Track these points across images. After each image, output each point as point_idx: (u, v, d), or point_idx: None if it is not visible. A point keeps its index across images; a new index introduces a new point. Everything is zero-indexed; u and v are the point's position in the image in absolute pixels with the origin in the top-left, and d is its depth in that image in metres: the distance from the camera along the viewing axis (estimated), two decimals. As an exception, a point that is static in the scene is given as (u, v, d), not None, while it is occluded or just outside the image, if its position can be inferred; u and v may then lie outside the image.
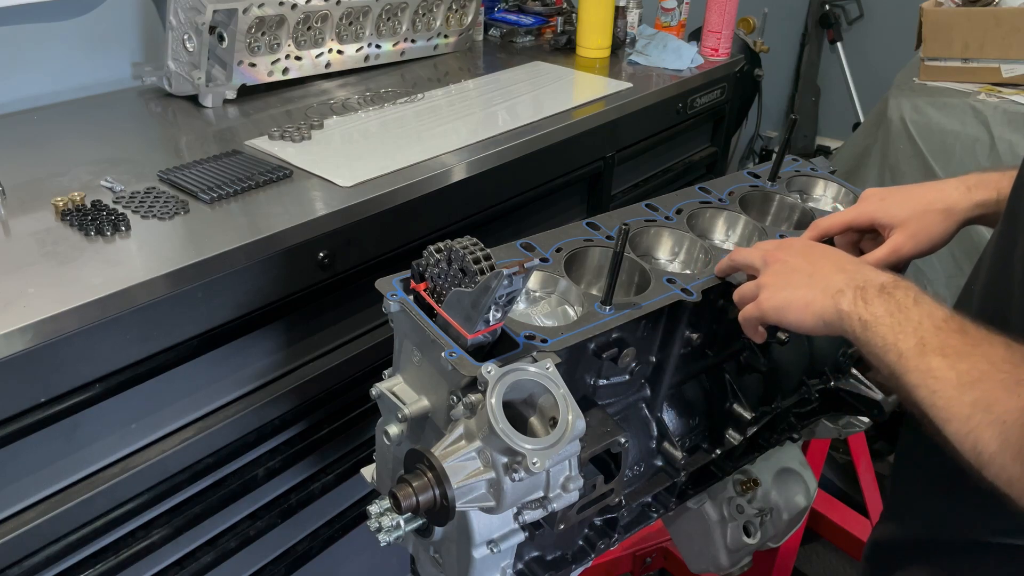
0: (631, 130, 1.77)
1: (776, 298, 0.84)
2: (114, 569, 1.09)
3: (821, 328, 0.80)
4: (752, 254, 0.91)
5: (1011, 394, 0.61)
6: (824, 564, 2.13)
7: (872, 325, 0.73)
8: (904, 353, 0.69)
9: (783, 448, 1.34)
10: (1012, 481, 0.60)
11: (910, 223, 0.95)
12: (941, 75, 2.25)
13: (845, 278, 0.79)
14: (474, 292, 0.77)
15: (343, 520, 1.41)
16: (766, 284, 0.86)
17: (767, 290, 0.86)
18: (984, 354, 0.65)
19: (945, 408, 0.65)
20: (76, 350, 0.98)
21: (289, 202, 1.20)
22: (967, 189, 0.94)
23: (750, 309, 0.88)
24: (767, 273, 0.87)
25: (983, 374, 0.63)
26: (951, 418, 0.64)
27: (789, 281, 0.84)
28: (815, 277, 0.82)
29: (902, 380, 0.69)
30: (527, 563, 0.99)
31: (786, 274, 0.85)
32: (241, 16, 1.46)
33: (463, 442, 0.76)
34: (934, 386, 0.66)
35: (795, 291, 0.82)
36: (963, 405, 0.63)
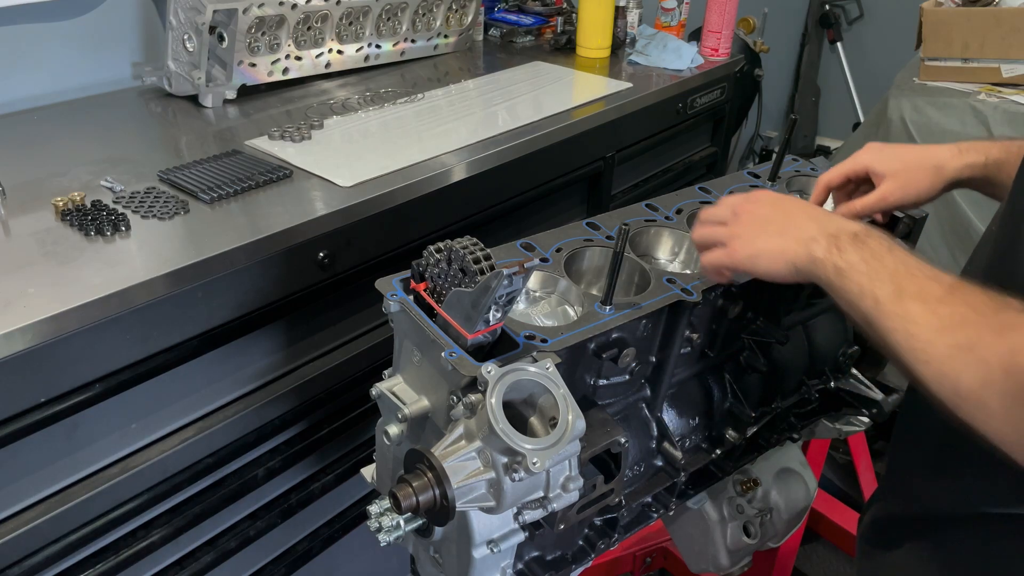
0: (631, 130, 1.77)
1: (749, 247, 0.84)
2: (114, 569, 1.09)
3: (792, 275, 0.81)
4: (721, 209, 0.90)
5: (997, 336, 0.63)
6: (824, 564, 2.13)
7: (847, 272, 0.75)
8: (881, 299, 0.71)
9: (783, 448, 1.34)
10: (989, 418, 0.62)
11: (900, 174, 0.99)
12: (941, 75, 2.25)
13: (817, 227, 0.80)
14: (474, 292, 0.77)
15: (343, 520, 1.41)
16: (738, 234, 0.86)
17: (739, 240, 0.86)
18: (963, 300, 0.67)
19: (923, 350, 0.66)
20: (76, 350, 0.98)
21: (289, 202, 1.20)
22: (959, 152, 0.98)
23: (719, 255, 0.87)
24: (738, 223, 0.87)
25: (964, 318, 0.65)
26: (929, 359, 0.66)
27: (762, 230, 0.84)
28: (787, 226, 0.82)
29: (878, 325, 0.71)
30: (527, 563, 0.99)
31: (758, 224, 0.85)
32: (241, 16, 1.46)
33: (463, 442, 0.76)
34: (912, 329, 0.68)
35: (768, 240, 0.83)
36: (943, 347, 0.65)
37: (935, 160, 0.98)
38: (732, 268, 0.87)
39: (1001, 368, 0.61)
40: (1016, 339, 0.61)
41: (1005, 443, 0.62)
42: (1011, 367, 0.60)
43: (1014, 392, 0.60)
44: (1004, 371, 0.61)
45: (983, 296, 0.66)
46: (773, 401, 1.20)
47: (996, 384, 0.61)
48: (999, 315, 0.64)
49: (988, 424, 0.63)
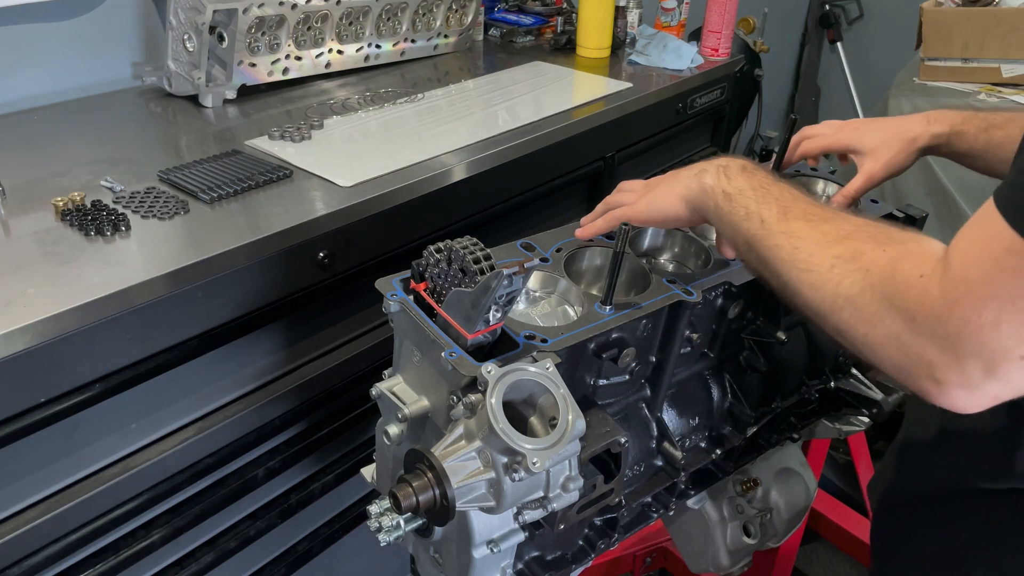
0: (631, 130, 1.77)
1: (645, 198, 0.93)
2: (114, 569, 1.09)
3: (685, 211, 0.89)
4: (635, 182, 1.00)
5: (879, 247, 0.66)
6: (824, 564, 2.13)
7: (735, 196, 0.81)
8: (767, 219, 0.76)
9: (783, 448, 1.34)
10: (860, 323, 0.66)
11: (879, 150, 1.08)
12: (941, 75, 2.25)
13: (707, 163, 0.88)
14: (474, 292, 0.77)
15: (343, 520, 1.41)
16: (638, 197, 0.95)
17: (638, 197, 0.95)
18: (844, 219, 0.72)
19: (806, 260, 0.71)
20: (76, 350, 0.98)
21: (289, 202, 1.20)
22: (927, 122, 1.07)
23: (622, 210, 0.95)
24: (638, 190, 0.97)
25: (847, 234, 0.70)
26: (811, 268, 0.70)
27: (662, 183, 0.93)
28: (681, 172, 0.91)
29: (762, 244, 0.76)
30: (527, 563, 0.99)
31: (655, 185, 0.94)
32: (241, 16, 1.46)
33: (463, 442, 0.76)
34: (796, 244, 0.73)
35: (665, 186, 0.92)
36: (826, 257, 0.69)
37: (909, 133, 1.07)
38: (632, 219, 0.94)
39: (881, 274, 0.65)
40: (898, 249, 0.65)
41: (873, 346, 0.65)
42: (892, 272, 0.64)
43: (891, 295, 0.63)
44: (883, 277, 0.64)
45: (865, 221, 0.72)
46: (773, 401, 1.20)
47: (875, 288, 0.64)
48: (880, 232, 0.69)
49: (858, 328, 0.66)
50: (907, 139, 1.07)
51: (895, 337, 0.63)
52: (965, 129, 1.04)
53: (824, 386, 1.26)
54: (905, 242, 0.66)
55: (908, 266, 0.63)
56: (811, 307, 0.70)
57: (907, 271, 0.63)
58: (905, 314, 0.62)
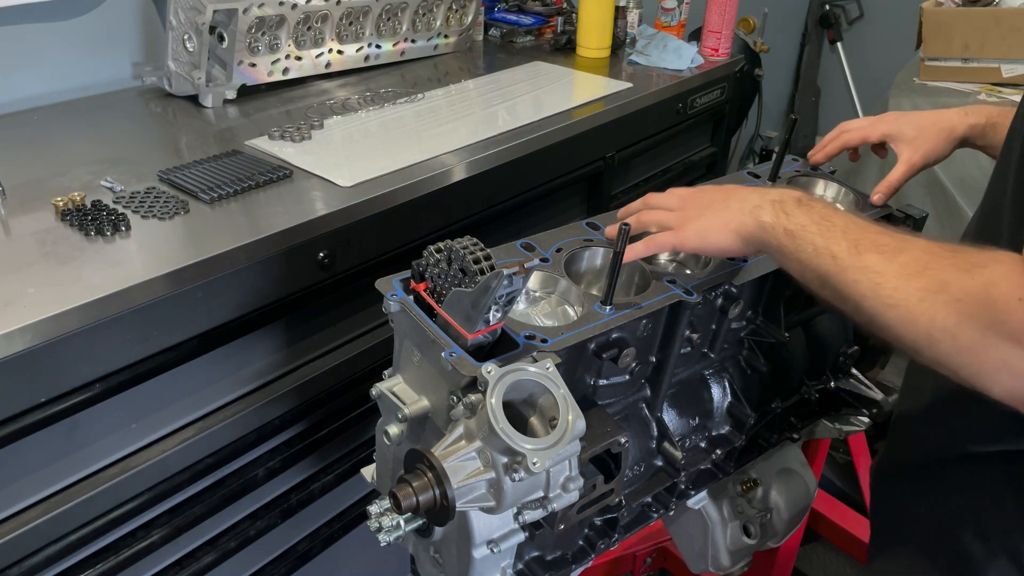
0: (631, 130, 1.77)
1: (695, 224, 0.89)
2: (114, 569, 1.09)
3: (740, 246, 0.86)
4: (669, 197, 0.95)
5: (965, 274, 0.65)
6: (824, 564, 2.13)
7: (799, 233, 0.78)
8: (838, 255, 0.74)
9: (783, 448, 1.34)
10: (962, 353, 0.65)
11: (918, 140, 1.09)
12: (941, 75, 2.25)
13: (759, 196, 0.85)
14: (474, 292, 0.77)
15: (343, 520, 1.41)
16: (684, 219, 0.90)
17: (686, 221, 0.90)
18: (918, 248, 0.71)
19: (891, 296, 0.69)
20: (76, 350, 0.98)
21: (289, 202, 1.20)
22: (965, 114, 1.09)
23: (667, 237, 0.91)
24: (684, 209, 0.91)
25: (925, 263, 0.68)
26: (898, 303, 0.68)
27: (707, 209, 0.89)
28: (730, 201, 0.87)
29: (838, 280, 0.74)
30: (527, 563, 0.99)
31: (703, 205, 0.90)
32: (241, 16, 1.46)
33: (463, 442, 0.76)
34: (876, 279, 0.70)
35: (714, 215, 0.87)
36: (912, 291, 0.68)
37: (947, 123, 1.09)
38: (680, 248, 0.92)
39: (977, 303, 0.63)
40: (986, 274, 0.64)
41: (982, 375, 0.65)
42: (987, 300, 0.63)
43: (992, 322, 0.62)
44: (980, 305, 0.63)
45: (934, 245, 0.70)
46: (773, 401, 1.20)
47: (974, 317, 0.63)
48: (958, 257, 0.67)
49: (960, 359, 0.65)
50: (945, 128, 1.08)
51: (1004, 363, 0.62)
52: (1001, 121, 1.04)
53: (824, 386, 1.26)
54: (987, 264, 0.65)
55: (1003, 291, 0.62)
56: (904, 342, 0.69)
57: (1004, 296, 0.62)
58: (1012, 338, 0.61)
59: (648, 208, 0.96)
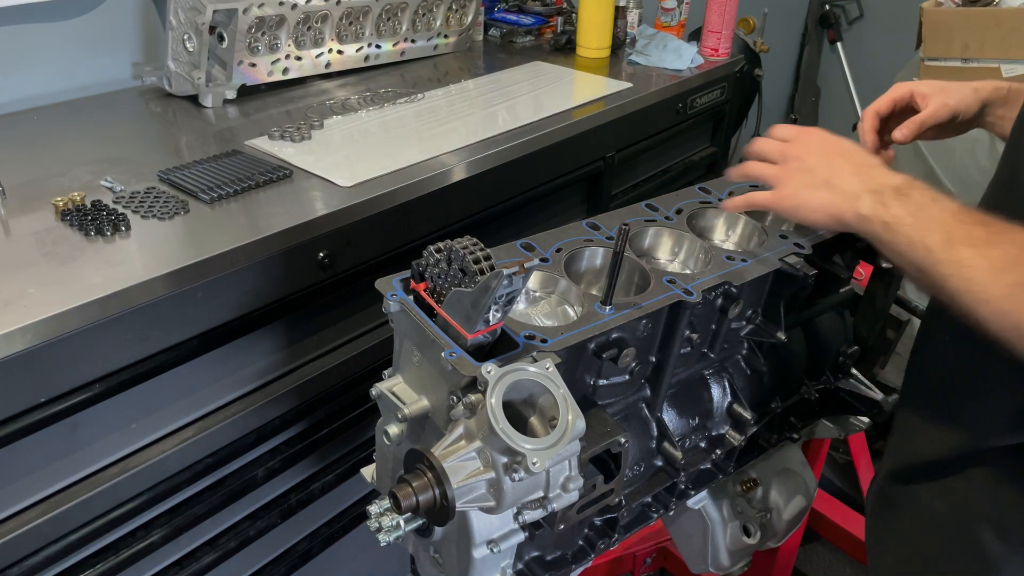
0: (631, 130, 1.77)
1: (794, 197, 0.89)
2: (114, 569, 1.09)
3: (835, 227, 0.88)
4: (773, 146, 0.95)
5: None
6: (824, 564, 2.13)
7: (895, 226, 0.79)
8: (932, 248, 0.75)
9: (783, 448, 1.34)
10: None
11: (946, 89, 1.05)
12: (941, 75, 2.25)
13: (861, 182, 0.84)
14: (474, 292, 0.77)
15: (343, 520, 1.41)
16: (784, 181, 0.91)
17: (785, 187, 0.90)
18: (1011, 241, 0.71)
19: (981, 291, 0.70)
20: (76, 350, 0.98)
21: (289, 202, 1.20)
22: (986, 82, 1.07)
23: (763, 197, 0.93)
24: (785, 169, 0.91)
25: (1015, 258, 0.69)
26: (989, 299, 0.70)
27: (807, 182, 0.88)
28: (832, 180, 0.87)
29: (932, 273, 0.75)
30: (527, 563, 0.99)
31: (804, 173, 0.89)
32: (241, 16, 1.46)
33: (463, 442, 0.76)
34: (968, 274, 0.72)
35: (813, 193, 0.87)
36: (1001, 287, 0.69)
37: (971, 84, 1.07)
38: (772, 211, 0.93)
39: None
40: None
41: None
42: None
43: None
44: None
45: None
46: (773, 401, 1.20)
47: None
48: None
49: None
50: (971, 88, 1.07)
51: None
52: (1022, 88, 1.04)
53: (824, 386, 1.26)
54: None
55: None
56: (1000, 336, 0.70)
57: None
58: None
59: (751, 158, 0.97)
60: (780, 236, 1.10)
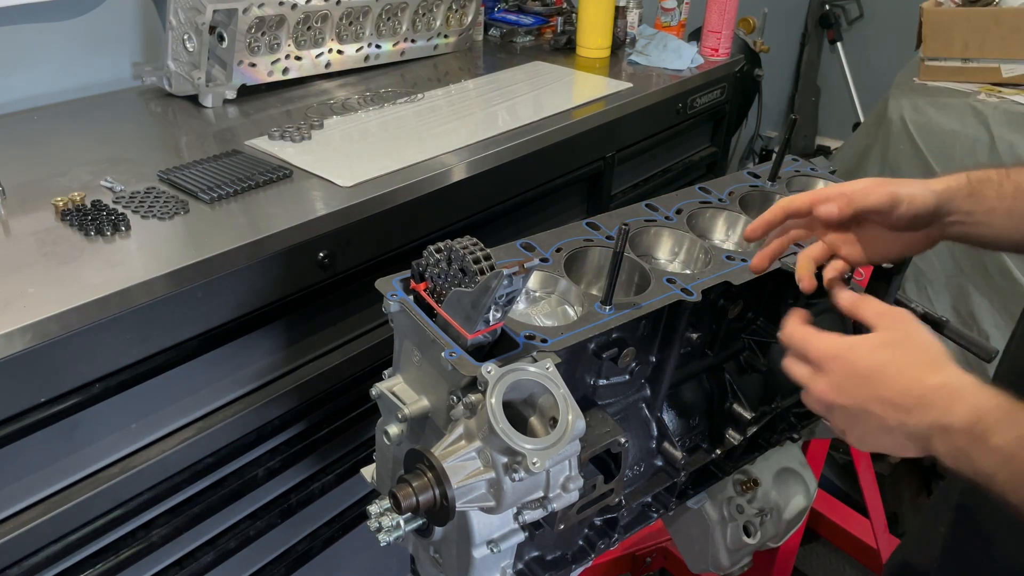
0: (631, 130, 1.77)
1: (863, 445, 0.78)
2: (114, 569, 1.09)
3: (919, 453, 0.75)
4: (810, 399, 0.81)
5: None
6: (824, 564, 2.13)
7: (991, 479, 0.68)
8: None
9: (783, 448, 1.34)
10: None
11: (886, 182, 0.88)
12: (941, 75, 2.25)
13: (916, 424, 0.72)
14: (474, 292, 0.77)
15: (343, 520, 1.41)
16: (840, 427, 0.79)
17: (849, 435, 0.78)
18: None
19: None
20: (76, 350, 0.98)
21: (289, 202, 1.20)
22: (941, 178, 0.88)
23: (840, 434, 0.80)
24: (832, 414, 0.79)
25: None
26: None
27: (866, 430, 0.76)
28: (885, 427, 0.74)
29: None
30: (527, 563, 0.99)
31: (853, 421, 0.77)
32: (241, 16, 1.46)
33: (463, 442, 0.76)
34: None
35: (878, 439, 0.76)
36: None
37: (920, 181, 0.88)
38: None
39: None
40: None
41: None
42: None
43: None
44: None
45: None
46: (773, 401, 1.20)
47: None
48: None
49: None
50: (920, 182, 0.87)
51: None
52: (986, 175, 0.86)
53: (824, 386, 1.26)
54: None
55: None
56: None
57: None
58: None
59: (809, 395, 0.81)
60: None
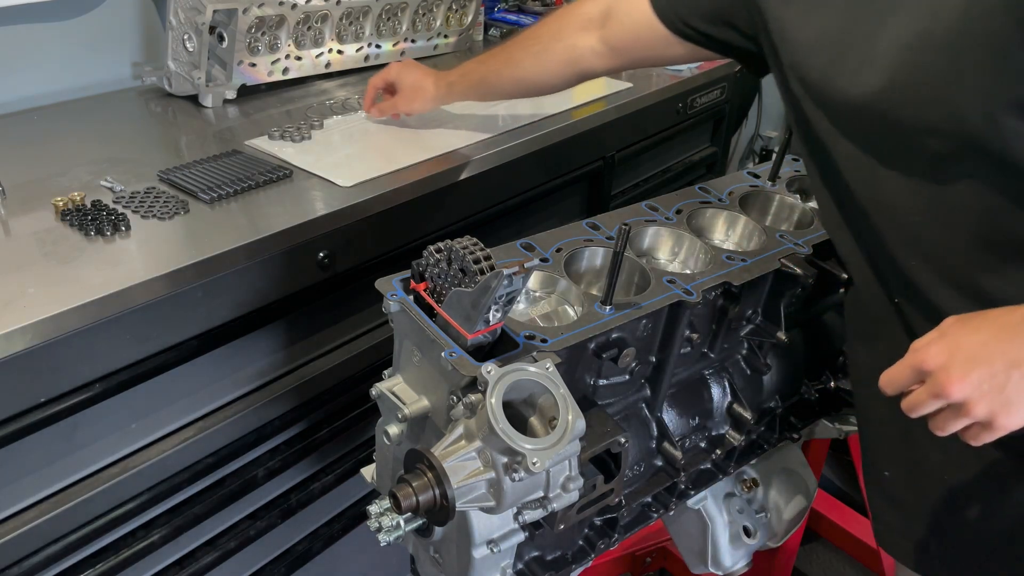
0: (631, 130, 1.77)
1: (1013, 411, 0.71)
2: (114, 569, 1.09)
3: None
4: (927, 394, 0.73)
5: None
6: (824, 564, 2.13)
7: None
8: None
9: (783, 448, 1.34)
10: None
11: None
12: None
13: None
14: (474, 292, 0.77)
15: (343, 520, 1.41)
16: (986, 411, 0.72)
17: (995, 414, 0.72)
18: None
19: None
20: (76, 350, 0.98)
21: (289, 202, 1.20)
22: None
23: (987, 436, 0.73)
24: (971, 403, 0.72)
25: None
26: None
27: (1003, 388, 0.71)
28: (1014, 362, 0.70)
29: None
30: (527, 563, 0.99)
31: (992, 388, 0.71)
32: (241, 16, 1.46)
33: (463, 442, 0.76)
34: None
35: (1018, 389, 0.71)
36: None
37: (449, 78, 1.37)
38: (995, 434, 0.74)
39: None
40: None
41: None
42: None
43: None
44: None
45: None
46: (773, 401, 1.20)
47: None
48: None
49: None
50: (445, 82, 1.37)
51: None
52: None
53: (824, 386, 1.26)
54: None
55: None
56: None
57: None
58: None
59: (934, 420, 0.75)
60: (780, 236, 1.10)
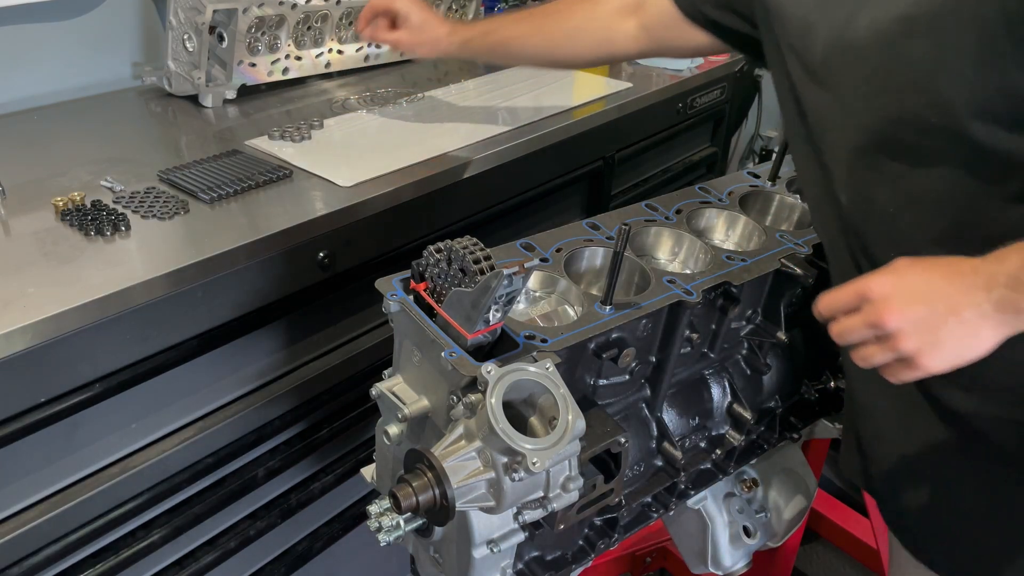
0: (631, 130, 1.77)
1: (939, 353, 0.71)
2: (114, 569, 1.09)
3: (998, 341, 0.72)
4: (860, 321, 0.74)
5: None
6: (824, 564, 2.13)
7: None
8: None
9: (783, 448, 1.34)
10: None
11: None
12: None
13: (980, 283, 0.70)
14: (474, 292, 0.77)
15: (343, 520, 1.41)
16: (913, 348, 0.72)
17: (922, 353, 0.72)
18: None
19: None
20: (76, 350, 0.98)
21: (289, 202, 1.20)
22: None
23: (907, 374, 0.74)
24: (902, 336, 0.72)
25: None
26: None
27: (935, 327, 0.71)
28: (953, 307, 0.71)
29: None
30: (527, 563, 0.99)
31: (926, 327, 0.71)
32: (241, 16, 1.46)
33: (463, 442, 0.76)
34: None
35: (951, 333, 0.71)
36: None
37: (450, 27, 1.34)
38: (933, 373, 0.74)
39: None
40: None
41: None
42: None
43: None
44: None
45: None
46: (773, 401, 1.20)
47: None
48: None
49: None
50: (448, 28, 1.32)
51: None
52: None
53: (824, 386, 1.26)
54: None
55: None
56: None
57: None
58: None
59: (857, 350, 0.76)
60: (780, 236, 1.10)
